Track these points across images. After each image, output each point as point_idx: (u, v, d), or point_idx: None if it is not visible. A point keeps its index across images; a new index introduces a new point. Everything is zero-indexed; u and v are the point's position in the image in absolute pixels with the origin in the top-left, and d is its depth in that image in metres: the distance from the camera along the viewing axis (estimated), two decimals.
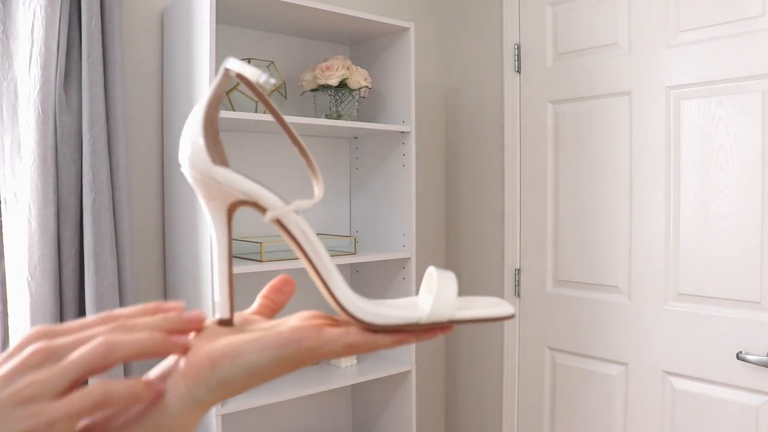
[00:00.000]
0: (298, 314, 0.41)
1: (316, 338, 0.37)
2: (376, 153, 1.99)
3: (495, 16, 2.18)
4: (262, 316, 0.44)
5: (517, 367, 2.13)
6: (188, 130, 0.41)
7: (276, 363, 0.37)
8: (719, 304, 1.61)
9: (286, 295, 0.45)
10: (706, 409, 1.64)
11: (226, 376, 0.36)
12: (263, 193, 0.40)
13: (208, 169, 0.40)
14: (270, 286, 0.45)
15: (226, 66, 0.40)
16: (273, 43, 1.91)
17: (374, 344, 0.39)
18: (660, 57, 1.71)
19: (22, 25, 1.42)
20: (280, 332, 0.37)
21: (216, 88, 0.41)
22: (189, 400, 0.36)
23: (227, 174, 0.40)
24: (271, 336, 0.37)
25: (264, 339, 0.37)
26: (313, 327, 0.38)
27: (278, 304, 0.45)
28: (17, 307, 1.41)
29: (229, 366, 0.36)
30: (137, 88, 1.70)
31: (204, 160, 0.40)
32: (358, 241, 2.05)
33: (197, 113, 0.41)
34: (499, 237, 2.18)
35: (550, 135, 2.01)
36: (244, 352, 0.36)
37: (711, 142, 1.62)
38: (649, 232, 1.75)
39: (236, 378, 0.36)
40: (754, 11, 1.54)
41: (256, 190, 0.40)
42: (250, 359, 0.36)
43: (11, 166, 1.43)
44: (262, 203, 0.40)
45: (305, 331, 0.38)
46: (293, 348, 0.37)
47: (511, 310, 0.41)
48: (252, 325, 0.41)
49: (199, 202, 1.52)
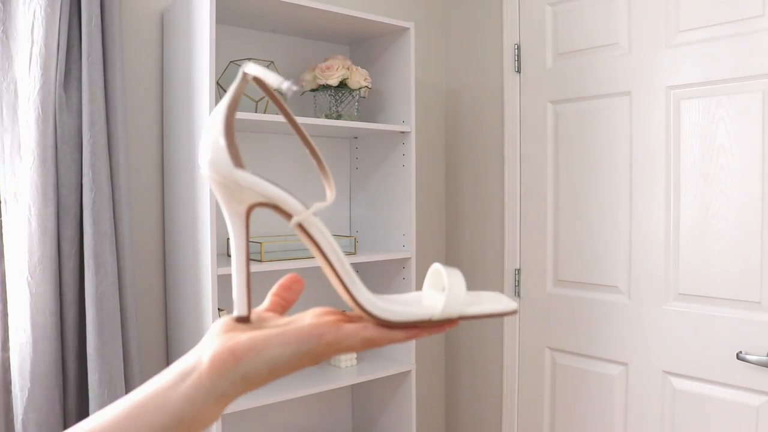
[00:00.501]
0: (311, 311, 0.43)
1: (335, 333, 0.39)
2: (376, 153, 1.99)
3: (495, 16, 2.18)
4: (273, 312, 0.45)
5: (517, 367, 2.13)
6: (209, 133, 0.41)
7: (297, 357, 0.39)
8: (719, 304, 1.61)
9: (295, 293, 0.47)
10: (706, 409, 1.64)
11: (249, 369, 0.38)
12: (285, 197, 0.41)
13: (230, 172, 0.40)
14: (280, 284, 0.47)
15: (245, 71, 0.41)
16: (273, 43, 1.91)
17: (389, 339, 0.41)
18: (660, 57, 1.71)
19: (22, 25, 1.42)
20: (300, 327, 0.39)
21: (234, 92, 0.41)
22: (212, 394, 0.38)
23: (249, 177, 0.41)
24: (292, 331, 0.39)
25: (285, 334, 0.39)
26: (331, 323, 0.40)
27: (288, 302, 0.47)
28: (17, 307, 1.41)
29: (253, 360, 0.38)
30: (137, 88, 1.70)
31: (225, 163, 0.40)
32: (358, 241, 2.05)
33: (218, 117, 0.41)
34: (499, 237, 2.18)
35: (550, 135, 2.01)
36: (267, 347, 0.38)
37: (711, 142, 1.62)
38: (649, 232, 1.75)
39: (259, 371, 0.38)
40: (754, 11, 1.54)
41: (278, 194, 0.41)
42: (273, 353, 0.38)
43: (11, 166, 1.43)
44: (283, 207, 0.41)
45: (324, 327, 0.40)
46: (314, 343, 0.39)
47: (514, 305, 0.43)
48: (268, 322, 0.43)
49: (199, 201, 1.52)
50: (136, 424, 0.37)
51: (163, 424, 0.37)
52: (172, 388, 0.38)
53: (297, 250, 1.77)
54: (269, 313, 0.45)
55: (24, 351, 1.40)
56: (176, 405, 0.37)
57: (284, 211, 0.41)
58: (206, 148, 0.41)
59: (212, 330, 0.41)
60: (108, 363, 1.47)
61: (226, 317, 0.42)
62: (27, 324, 1.40)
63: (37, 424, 1.39)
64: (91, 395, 1.46)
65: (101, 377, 1.46)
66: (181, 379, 0.38)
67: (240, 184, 0.40)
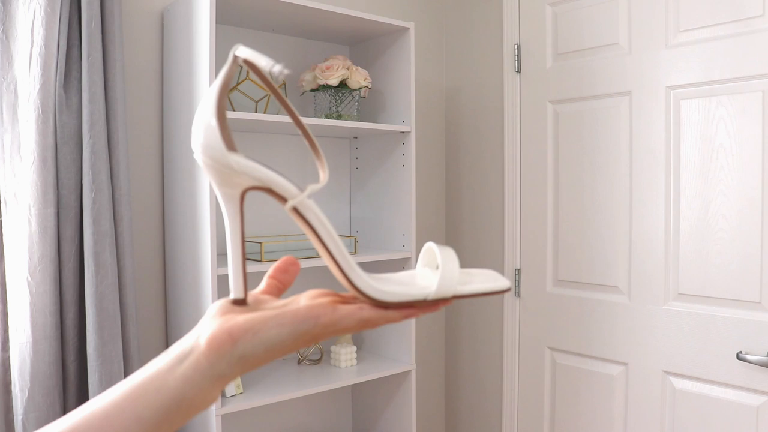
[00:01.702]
0: (306, 293, 0.43)
1: (331, 314, 0.40)
2: (376, 153, 1.99)
3: (495, 16, 2.18)
4: (270, 295, 0.46)
5: (517, 367, 2.13)
6: (200, 116, 0.40)
7: (294, 338, 0.39)
8: (719, 304, 1.61)
9: (291, 275, 0.47)
10: (706, 409, 1.64)
11: (246, 351, 0.38)
12: (279, 180, 0.41)
13: (223, 156, 0.40)
14: (276, 267, 0.47)
15: (236, 53, 0.40)
16: (273, 43, 1.91)
17: (385, 318, 0.42)
18: (660, 57, 1.71)
19: (22, 25, 1.42)
20: (297, 309, 0.40)
21: (225, 75, 0.41)
22: (210, 375, 0.38)
23: (242, 161, 0.40)
24: (289, 313, 0.40)
25: (282, 315, 0.39)
26: (327, 304, 0.40)
27: (284, 284, 0.47)
28: (17, 307, 1.41)
29: (250, 341, 0.38)
30: (137, 88, 1.70)
31: (218, 146, 0.40)
32: (358, 241, 2.05)
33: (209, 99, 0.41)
34: (499, 237, 2.18)
35: (550, 135, 2.01)
36: (264, 328, 0.39)
37: (711, 142, 1.62)
38: (649, 232, 1.75)
39: (256, 352, 0.39)
40: (754, 11, 1.53)
41: (272, 178, 0.41)
42: (270, 334, 0.39)
43: (11, 166, 1.43)
44: (277, 190, 0.41)
45: (321, 308, 0.40)
46: (311, 323, 0.39)
47: (507, 283, 0.44)
48: (264, 304, 0.43)
49: (199, 201, 1.52)
50: (135, 405, 0.37)
51: (162, 405, 0.37)
52: (170, 370, 0.38)
53: (297, 250, 1.77)
54: (265, 296, 0.45)
55: (24, 351, 1.40)
56: (175, 386, 0.38)
57: (278, 194, 0.41)
58: (198, 131, 0.40)
59: (209, 312, 0.42)
60: (108, 363, 1.47)
61: (222, 300, 0.42)
62: (27, 324, 1.40)
63: (37, 424, 1.39)
64: (91, 395, 1.46)
65: (101, 377, 1.46)
66: (179, 361, 0.39)
67: (233, 168, 0.40)
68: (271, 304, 0.43)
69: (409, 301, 0.41)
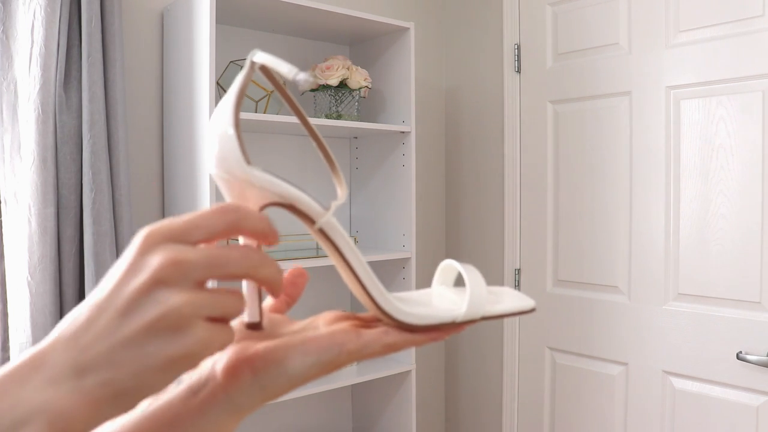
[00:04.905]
0: (322, 316, 0.41)
1: (356, 341, 0.37)
2: (376, 153, 1.99)
3: (495, 16, 2.18)
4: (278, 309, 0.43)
5: (517, 367, 2.13)
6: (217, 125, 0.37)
7: (318, 367, 0.36)
8: (719, 304, 1.61)
9: (299, 288, 0.45)
10: (706, 409, 1.64)
11: (268, 382, 0.36)
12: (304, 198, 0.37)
13: (242, 169, 0.36)
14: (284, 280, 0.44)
15: (253, 59, 0.37)
16: (273, 43, 1.91)
17: (411, 342, 0.39)
18: (660, 57, 1.71)
19: (22, 25, 1.42)
20: (319, 337, 0.37)
21: (242, 82, 0.38)
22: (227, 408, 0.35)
23: (261, 175, 0.36)
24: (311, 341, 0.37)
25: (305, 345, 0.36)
26: (350, 331, 0.38)
27: (293, 297, 0.44)
28: (17, 307, 1.41)
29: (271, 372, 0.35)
30: (137, 88, 1.70)
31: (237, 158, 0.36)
32: (358, 241, 2.05)
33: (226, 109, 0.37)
34: (499, 237, 2.18)
35: (550, 135, 2.01)
36: (286, 358, 0.36)
37: (711, 142, 1.62)
38: (649, 232, 1.75)
39: (277, 383, 0.36)
40: (754, 11, 1.54)
41: (296, 195, 0.37)
42: (293, 365, 0.36)
43: (11, 166, 1.43)
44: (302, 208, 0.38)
45: (344, 335, 0.37)
46: (335, 352, 0.37)
47: (533, 303, 0.42)
48: (281, 327, 0.40)
49: (199, 202, 1.52)
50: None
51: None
52: (183, 403, 0.35)
53: (298, 250, 1.77)
54: (279, 316, 0.43)
55: (24, 351, 1.40)
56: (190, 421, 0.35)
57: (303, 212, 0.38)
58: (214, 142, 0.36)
59: None
60: None
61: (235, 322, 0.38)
62: (27, 324, 1.40)
63: None
64: None
65: None
66: (193, 393, 0.36)
67: (252, 183, 0.36)
68: (289, 328, 0.40)
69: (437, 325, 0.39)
